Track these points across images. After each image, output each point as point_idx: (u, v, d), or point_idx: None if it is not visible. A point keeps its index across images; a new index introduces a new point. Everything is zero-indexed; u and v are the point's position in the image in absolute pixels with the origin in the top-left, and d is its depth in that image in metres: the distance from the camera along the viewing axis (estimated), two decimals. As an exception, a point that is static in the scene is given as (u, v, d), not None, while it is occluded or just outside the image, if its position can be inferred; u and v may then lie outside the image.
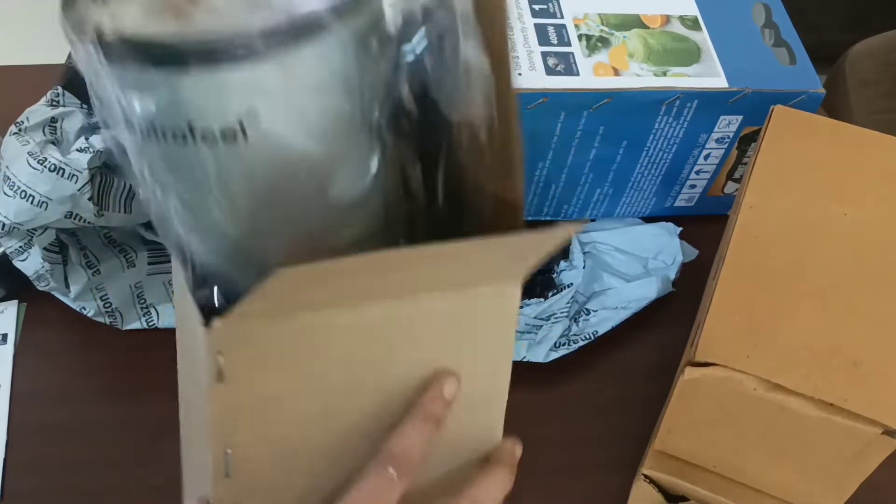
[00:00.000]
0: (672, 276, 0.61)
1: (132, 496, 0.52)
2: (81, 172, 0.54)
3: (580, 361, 0.57)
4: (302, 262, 0.23)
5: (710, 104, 0.58)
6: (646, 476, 0.49)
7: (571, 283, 0.60)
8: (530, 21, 0.58)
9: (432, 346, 0.32)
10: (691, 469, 0.47)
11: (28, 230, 0.55)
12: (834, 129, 0.49)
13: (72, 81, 0.57)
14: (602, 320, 0.59)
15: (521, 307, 0.58)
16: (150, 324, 0.59)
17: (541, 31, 0.57)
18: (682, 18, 0.60)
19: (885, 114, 0.91)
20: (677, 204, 0.67)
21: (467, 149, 0.30)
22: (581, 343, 0.57)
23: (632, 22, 0.59)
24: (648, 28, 0.59)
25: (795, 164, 0.47)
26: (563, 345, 0.57)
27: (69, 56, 0.57)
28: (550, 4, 0.59)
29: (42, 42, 0.83)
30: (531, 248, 0.30)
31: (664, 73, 0.57)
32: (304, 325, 0.28)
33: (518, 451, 0.36)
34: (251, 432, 0.30)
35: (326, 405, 0.30)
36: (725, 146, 0.62)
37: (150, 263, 0.61)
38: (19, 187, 0.53)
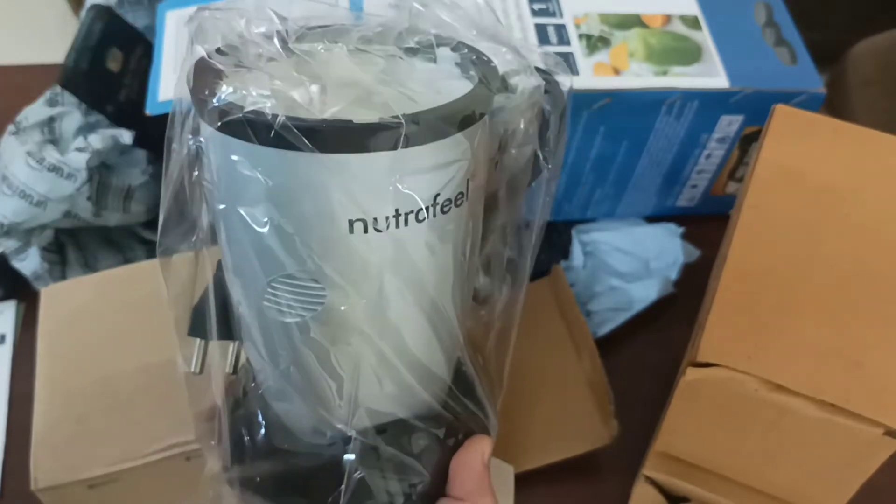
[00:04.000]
0: (673, 276, 0.61)
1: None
2: (80, 172, 0.54)
3: (581, 362, 0.57)
4: None
5: (710, 104, 0.58)
6: (647, 477, 0.49)
7: (572, 284, 0.60)
8: (530, 21, 0.58)
9: None
10: (693, 470, 0.47)
11: (26, 230, 0.55)
12: (836, 128, 0.49)
13: (70, 81, 0.57)
14: (603, 322, 0.59)
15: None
16: (149, 324, 0.59)
17: (541, 31, 0.57)
18: (682, 18, 0.60)
19: (888, 113, 0.90)
20: (679, 204, 0.67)
21: None
22: (582, 343, 0.57)
23: (632, 21, 0.59)
24: (649, 27, 0.59)
25: (797, 163, 0.47)
26: (564, 345, 0.57)
27: (68, 55, 0.57)
28: (550, 4, 0.59)
29: (42, 42, 0.83)
30: None
31: (665, 73, 0.56)
32: None
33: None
34: None
35: None
36: (727, 146, 0.62)
37: (148, 263, 0.61)
38: (18, 187, 0.53)
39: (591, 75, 0.56)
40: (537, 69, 0.30)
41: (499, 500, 0.32)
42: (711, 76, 0.57)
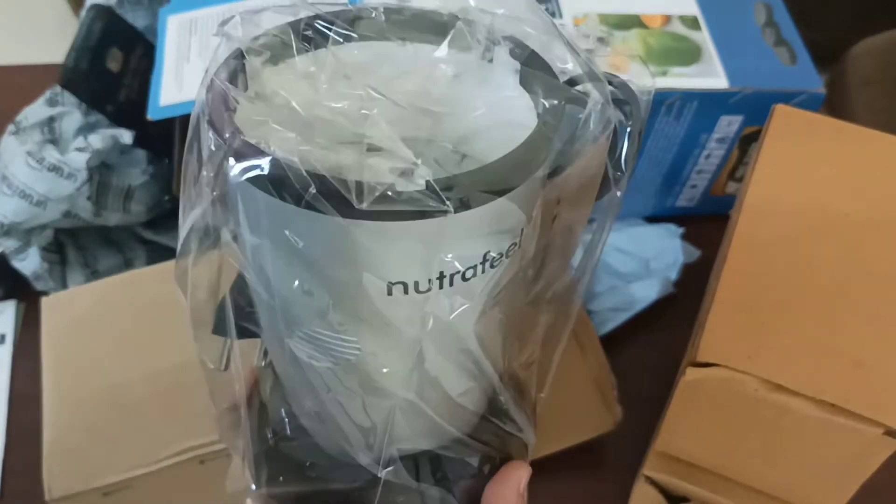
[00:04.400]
0: (673, 276, 0.61)
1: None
2: (80, 172, 0.54)
3: (581, 362, 0.57)
4: None
5: (710, 104, 0.58)
6: (647, 477, 0.48)
7: (572, 284, 0.60)
8: (531, 20, 0.58)
9: None
10: (692, 470, 0.47)
11: (26, 230, 0.55)
12: (836, 128, 0.49)
13: (70, 81, 0.57)
14: (603, 322, 0.59)
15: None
16: (149, 324, 0.59)
17: (541, 31, 0.57)
18: (682, 18, 0.60)
19: (888, 113, 0.90)
20: (678, 204, 0.67)
21: None
22: (582, 343, 0.57)
23: (632, 22, 0.59)
24: (648, 28, 0.59)
25: (797, 163, 0.47)
26: (564, 345, 0.57)
27: (68, 55, 0.57)
28: (550, 4, 0.59)
29: (42, 42, 0.83)
30: None
31: (664, 73, 0.56)
32: None
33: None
34: None
35: None
36: (726, 146, 0.62)
37: (148, 263, 0.61)
38: (18, 187, 0.53)
39: (591, 75, 0.55)
40: (608, 79, 0.27)
41: None
42: (711, 76, 0.57)
